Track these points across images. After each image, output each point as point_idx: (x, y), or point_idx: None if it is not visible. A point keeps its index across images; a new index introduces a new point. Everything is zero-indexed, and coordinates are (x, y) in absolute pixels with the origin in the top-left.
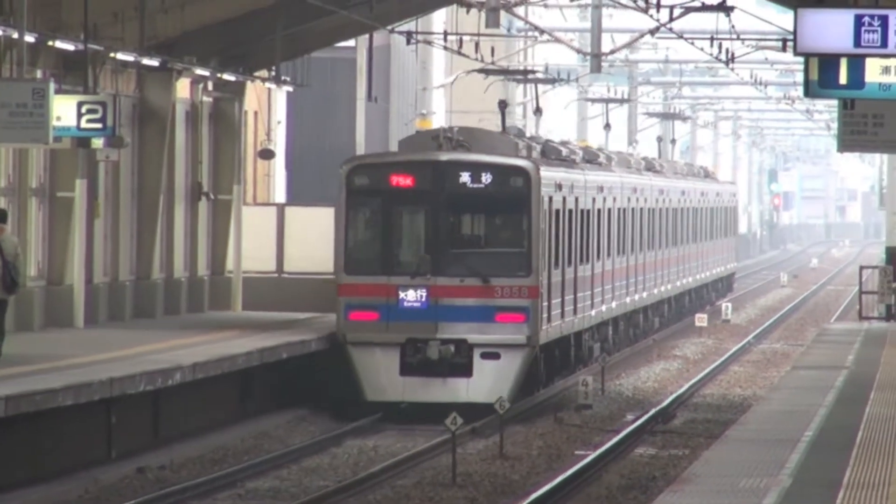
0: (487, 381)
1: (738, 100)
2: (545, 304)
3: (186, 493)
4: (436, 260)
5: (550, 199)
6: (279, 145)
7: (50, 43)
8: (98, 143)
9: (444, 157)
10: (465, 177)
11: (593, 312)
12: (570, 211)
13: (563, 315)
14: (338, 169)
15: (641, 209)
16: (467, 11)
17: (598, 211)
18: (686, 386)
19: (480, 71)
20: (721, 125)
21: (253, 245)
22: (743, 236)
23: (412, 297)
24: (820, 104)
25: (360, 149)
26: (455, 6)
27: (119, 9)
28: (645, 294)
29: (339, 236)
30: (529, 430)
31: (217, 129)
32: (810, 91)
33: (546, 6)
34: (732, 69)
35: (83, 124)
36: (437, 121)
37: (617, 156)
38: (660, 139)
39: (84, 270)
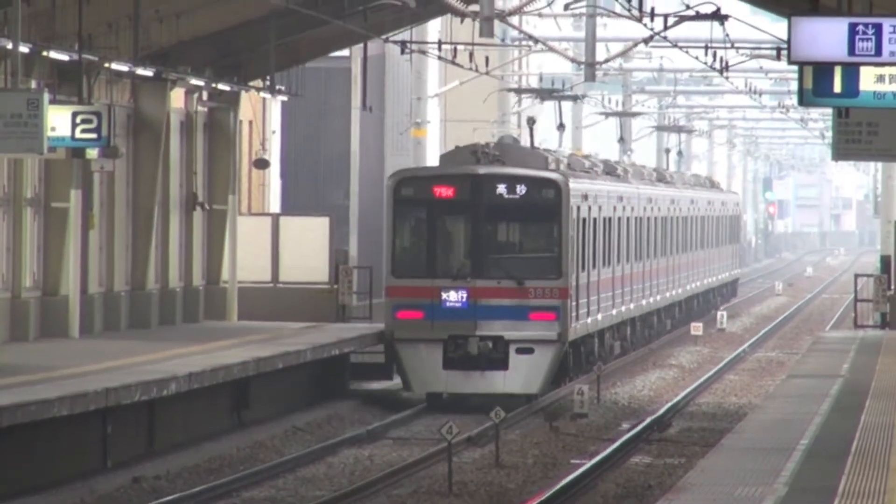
0: (522, 374)
1: (732, 108)
2: (574, 304)
3: (182, 502)
4: (475, 264)
5: (578, 208)
6: (274, 155)
7: (44, 53)
8: (93, 153)
9: (483, 170)
10: (501, 188)
11: (614, 312)
12: (595, 219)
13: (588, 314)
14: (386, 181)
15: (655, 218)
16: (461, 21)
17: (619, 219)
18: (682, 394)
19: (510, 90)
20: (716, 134)
21: (248, 255)
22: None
23: (454, 297)
24: (814, 113)
25: (355, 158)
26: (449, 16)
27: (113, 19)
28: (658, 297)
29: (387, 243)
30: (525, 438)
31: (212, 138)
32: (804, 100)
33: (540, 16)
34: (727, 78)
35: (78, 134)
36: (432, 130)
37: (632, 168)
38: (667, 151)
39: (79, 281)
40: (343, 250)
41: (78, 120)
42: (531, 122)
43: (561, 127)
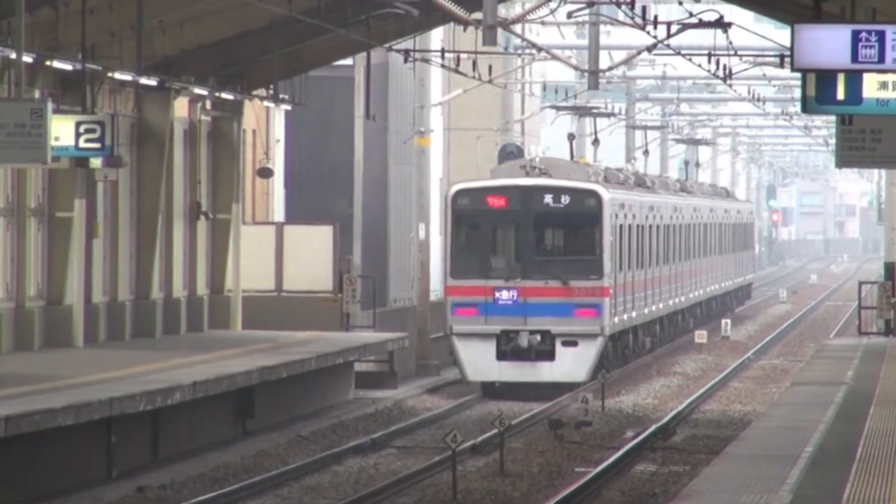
0: (567, 364)
1: (736, 116)
2: (612, 302)
3: None
4: (524, 266)
5: (615, 216)
6: (278, 164)
7: (48, 63)
8: (96, 162)
9: (531, 182)
10: (547, 198)
11: (646, 311)
12: (629, 226)
13: (625, 312)
14: (446, 193)
15: (680, 225)
16: (465, 30)
17: (649, 227)
18: (686, 402)
19: (552, 107)
20: (719, 141)
21: (252, 264)
22: None
23: (506, 296)
24: (818, 120)
25: (359, 167)
26: (452, 24)
27: (116, 28)
28: (682, 298)
29: (446, 247)
30: (529, 447)
31: (215, 147)
32: (808, 107)
33: (543, 24)
34: (730, 85)
35: (81, 144)
36: (436, 138)
37: (658, 179)
38: (686, 163)
39: (83, 290)
40: (347, 259)
41: (81, 129)
42: (571, 137)
43: (596, 142)
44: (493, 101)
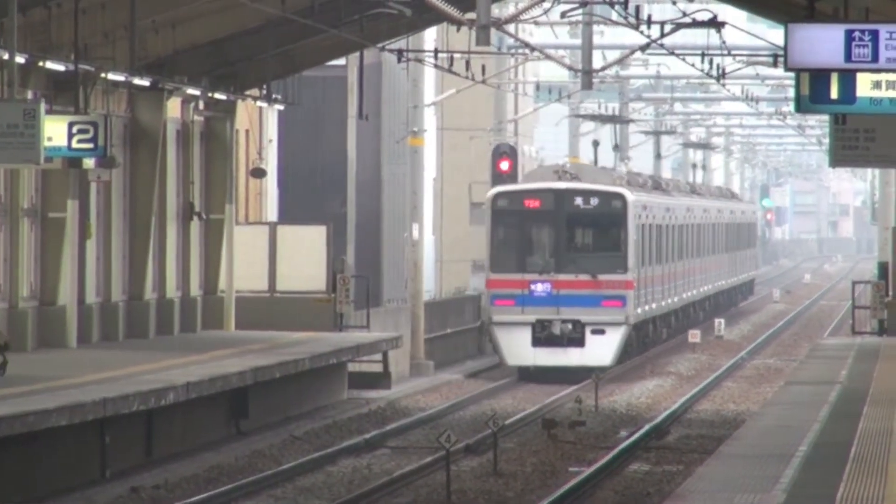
0: (596, 350)
1: (729, 116)
2: (636, 294)
3: None
4: (557, 261)
5: (638, 216)
6: (271, 164)
7: (40, 63)
8: (89, 163)
9: (563, 185)
10: (578, 200)
11: (663, 303)
12: (650, 225)
13: (646, 303)
14: (485, 195)
15: (691, 224)
16: (458, 29)
17: (666, 226)
18: (680, 402)
19: (576, 116)
20: (713, 141)
21: (245, 264)
22: None
23: (540, 288)
24: (811, 119)
25: (352, 167)
26: (446, 24)
27: (109, 29)
28: (694, 291)
29: (486, 244)
30: (523, 447)
31: (208, 148)
32: (801, 106)
33: (537, 24)
34: (724, 85)
35: (74, 144)
36: (429, 138)
37: (672, 182)
38: (694, 166)
39: (76, 291)
40: (341, 259)
41: (74, 130)
42: (596, 144)
43: (616, 148)
44: (487, 101)
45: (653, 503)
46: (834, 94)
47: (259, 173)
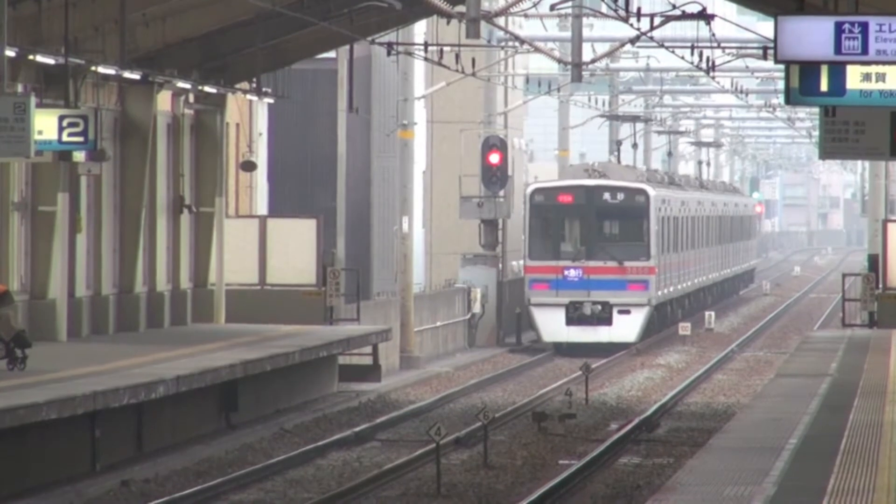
0: (622, 328)
1: (719, 108)
2: (657, 279)
3: None
4: (588, 249)
5: (659, 209)
6: (261, 157)
7: (31, 57)
8: (80, 156)
9: (592, 182)
10: (606, 195)
11: (680, 287)
12: (668, 217)
13: (666, 287)
14: (524, 191)
15: (702, 217)
16: (447, 22)
17: (682, 218)
18: (670, 395)
19: (601, 116)
20: (702, 133)
21: (235, 257)
22: None
23: (573, 273)
24: (801, 112)
25: (342, 160)
26: (435, 17)
27: (99, 22)
28: (704, 278)
29: (525, 235)
30: (513, 439)
31: (198, 141)
32: (791, 98)
33: (526, 16)
34: (713, 77)
35: (65, 138)
36: (419, 131)
37: (684, 178)
38: (700, 162)
39: (66, 284)
40: (331, 252)
41: (65, 123)
42: (619, 143)
43: (635, 146)
44: (476, 93)
45: (643, 496)
46: (823, 86)
47: (249, 166)
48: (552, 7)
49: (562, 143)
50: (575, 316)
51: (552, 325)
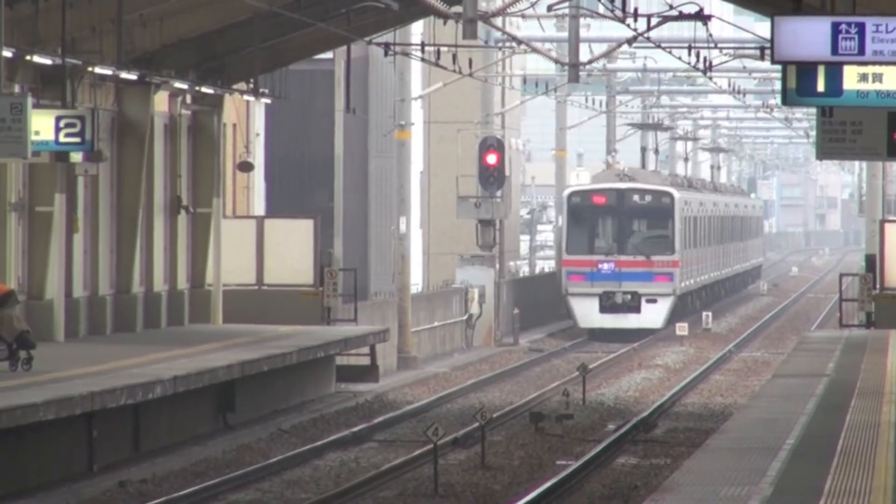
0: (649, 316)
1: (716, 108)
2: (680, 271)
3: None
4: (619, 245)
5: (682, 209)
6: (258, 158)
7: (27, 57)
8: (77, 157)
9: (623, 185)
10: (635, 197)
11: (700, 279)
12: (689, 217)
13: (687, 279)
14: (561, 193)
15: (716, 216)
16: (444, 23)
17: (701, 217)
18: (667, 395)
19: (630, 125)
20: (700, 134)
21: (232, 258)
22: None
23: (606, 267)
24: (798, 112)
25: (339, 161)
26: (432, 18)
27: (97, 23)
28: (718, 272)
29: (563, 232)
30: (511, 440)
31: (196, 142)
32: (788, 99)
33: (524, 17)
34: (710, 78)
35: (62, 138)
36: (416, 132)
37: (699, 181)
38: (713, 167)
39: (64, 285)
40: (328, 252)
41: (62, 124)
42: (644, 150)
43: (656, 152)
44: (474, 94)
45: (640, 496)
46: (821, 86)
47: (246, 167)
48: (549, 7)
49: (559, 144)
50: (608, 304)
51: (587, 312)
